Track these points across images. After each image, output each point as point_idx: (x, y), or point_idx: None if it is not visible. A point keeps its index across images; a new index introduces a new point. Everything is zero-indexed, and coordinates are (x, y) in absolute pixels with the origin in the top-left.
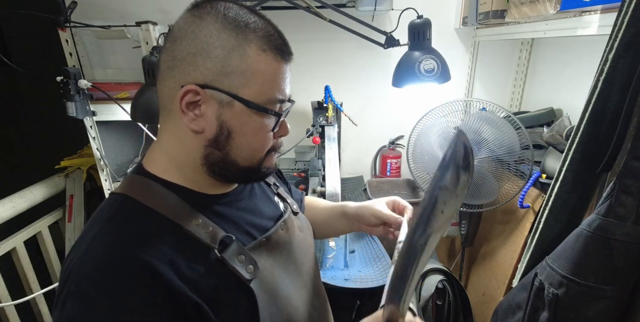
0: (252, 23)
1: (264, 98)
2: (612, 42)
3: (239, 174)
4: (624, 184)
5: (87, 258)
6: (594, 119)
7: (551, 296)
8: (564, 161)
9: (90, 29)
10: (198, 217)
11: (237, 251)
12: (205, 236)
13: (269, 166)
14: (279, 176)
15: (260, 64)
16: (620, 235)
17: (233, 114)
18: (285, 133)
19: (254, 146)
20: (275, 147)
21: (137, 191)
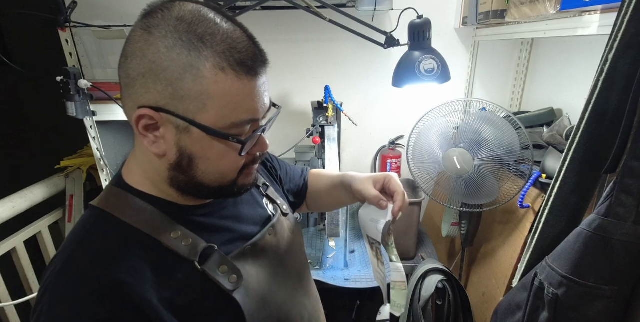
0: (208, 36)
1: (226, 122)
2: (612, 42)
3: (211, 193)
4: (624, 184)
5: (61, 279)
6: (594, 119)
7: (551, 296)
8: (564, 160)
9: (90, 29)
10: (177, 229)
11: (219, 262)
12: (184, 248)
13: (244, 183)
14: (268, 171)
15: (219, 85)
16: (620, 235)
17: (192, 140)
18: (262, 149)
19: (220, 170)
20: (251, 163)
21: (113, 205)
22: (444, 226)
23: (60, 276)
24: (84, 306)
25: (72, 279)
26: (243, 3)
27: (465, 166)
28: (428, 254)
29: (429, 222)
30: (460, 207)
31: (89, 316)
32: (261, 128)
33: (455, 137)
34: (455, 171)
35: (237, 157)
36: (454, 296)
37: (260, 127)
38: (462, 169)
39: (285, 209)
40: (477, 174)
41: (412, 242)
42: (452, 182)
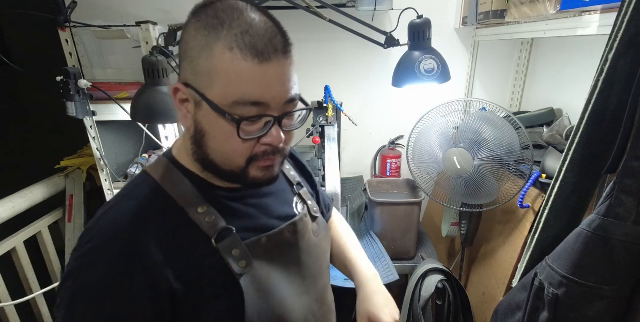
0: (229, 21)
1: (228, 100)
2: (612, 42)
3: (226, 176)
4: (624, 184)
5: (94, 229)
6: (594, 119)
7: (551, 296)
8: (564, 161)
9: (90, 29)
10: (204, 205)
11: (234, 244)
12: (206, 224)
13: (256, 176)
14: (306, 177)
15: (224, 63)
16: (620, 235)
17: (203, 114)
18: (272, 141)
19: (226, 151)
20: (262, 155)
21: (158, 173)
22: (444, 226)
23: (94, 226)
24: (103, 250)
25: (103, 227)
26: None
27: (465, 166)
28: (428, 254)
29: (429, 222)
30: (460, 207)
31: (105, 258)
32: (271, 117)
33: (455, 137)
34: (455, 171)
35: (241, 141)
36: (454, 296)
37: (270, 116)
38: (462, 169)
39: (314, 212)
40: (477, 174)
41: (412, 242)
42: (452, 182)
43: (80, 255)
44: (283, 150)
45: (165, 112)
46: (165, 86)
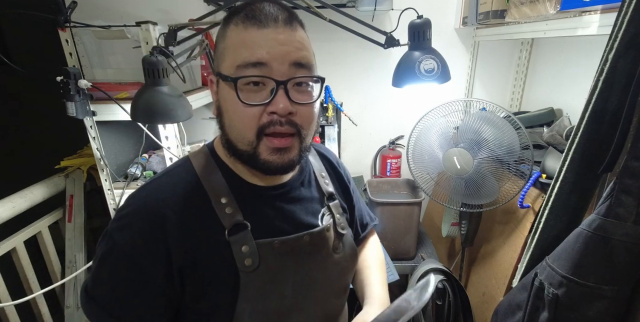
0: (243, 9)
1: (233, 67)
2: (612, 42)
3: (243, 157)
4: (624, 184)
5: (135, 196)
6: (594, 119)
7: (551, 296)
8: (564, 160)
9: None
10: (229, 196)
11: (245, 240)
12: (225, 215)
13: (267, 159)
14: (343, 189)
15: (232, 37)
16: (620, 235)
17: (220, 91)
18: (277, 109)
19: (236, 123)
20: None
21: (197, 159)
22: (444, 226)
23: (138, 192)
24: (134, 217)
25: (140, 196)
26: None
27: (465, 166)
28: (428, 254)
29: (429, 222)
30: (460, 207)
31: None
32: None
33: (455, 137)
34: (455, 171)
35: (246, 109)
36: (454, 296)
37: (271, 79)
38: (462, 169)
39: (341, 227)
40: (477, 174)
41: (412, 242)
42: (452, 182)
43: (117, 218)
44: (299, 130)
45: (165, 112)
46: (165, 86)
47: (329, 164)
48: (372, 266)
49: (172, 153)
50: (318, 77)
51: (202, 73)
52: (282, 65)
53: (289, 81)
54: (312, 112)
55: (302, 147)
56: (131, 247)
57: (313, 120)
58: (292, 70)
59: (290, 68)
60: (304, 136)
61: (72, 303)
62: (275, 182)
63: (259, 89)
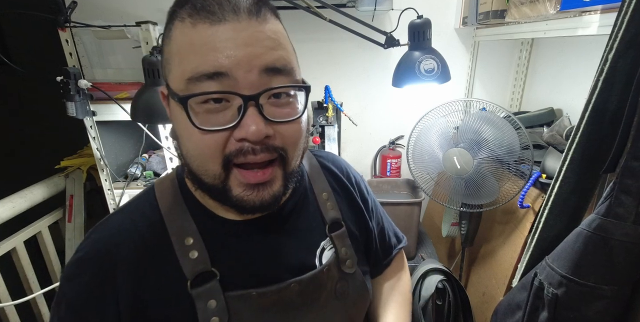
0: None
1: (182, 81)
2: (612, 42)
3: (213, 194)
4: (624, 184)
5: (88, 237)
6: (594, 118)
7: (551, 296)
8: (564, 160)
9: (90, 29)
10: (194, 236)
11: (212, 294)
12: (187, 261)
13: (239, 196)
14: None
15: (177, 39)
16: (619, 235)
17: (171, 109)
18: (246, 134)
19: (193, 153)
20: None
21: (162, 188)
22: (444, 226)
23: (92, 232)
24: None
25: (92, 239)
26: None
27: (465, 166)
28: (428, 254)
29: (429, 222)
30: (460, 207)
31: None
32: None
33: (455, 137)
34: (455, 171)
35: (205, 136)
36: (454, 296)
37: (235, 94)
38: (462, 169)
39: (347, 266)
40: (477, 174)
41: (412, 242)
42: (452, 182)
43: (69, 263)
44: (280, 154)
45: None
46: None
47: (335, 179)
48: (391, 303)
49: (172, 153)
50: (301, 86)
51: None
52: (249, 73)
53: (262, 94)
54: (298, 129)
55: (287, 175)
56: (77, 299)
57: (300, 138)
58: (265, 78)
59: (262, 76)
60: (288, 160)
61: None
62: (256, 215)
63: (221, 107)
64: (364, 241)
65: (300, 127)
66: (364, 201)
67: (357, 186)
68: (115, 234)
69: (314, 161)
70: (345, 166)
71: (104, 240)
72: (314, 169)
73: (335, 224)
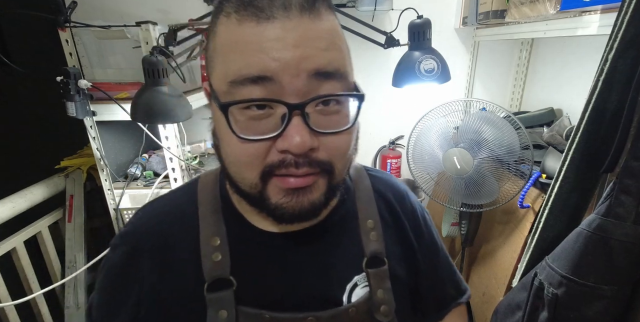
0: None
1: (224, 83)
2: (612, 42)
3: (250, 201)
4: (624, 184)
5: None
6: (594, 118)
7: (551, 296)
8: (564, 160)
9: (90, 29)
10: (221, 238)
11: (224, 303)
12: (209, 263)
13: (279, 203)
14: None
15: (222, 35)
16: (619, 235)
17: (213, 108)
18: (289, 146)
19: (234, 160)
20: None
21: (204, 184)
22: (444, 226)
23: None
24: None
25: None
26: None
27: (465, 166)
28: None
29: None
30: (460, 207)
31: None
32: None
33: (455, 137)
34: (455, 171)
35: (245, 145)
36: None
37: (280, 103)
38: (462, 169)
39: (382, 314)
40: (477, 174)
41: None
42: (452, 182)
43: (117, 235)
44: (325, 167)
45: (165, 112)
46: (165, 86)
47: (388, 206)
48: None
49: (172, 153)
50: (354, 95)
51: (202, 73)
52: (296, 78)
53: (309, 103)
54: (347, 141)
55: (331, 186)
56: (112, 268)
57: (347, 151)
58: (314, 84)
59: (311, 81)
60: (334, 172)
61: (72, 303)
62: (292, 228)
63: (264, 113)
64: (410, 286)
65: (349, 139)
66: (419, 236)
67: (412, 218)
68: (152, 218)
69: (367, 181)
70: (404, 191)
71: (142, 221)
72: (363, 191)
73: (376, 259)
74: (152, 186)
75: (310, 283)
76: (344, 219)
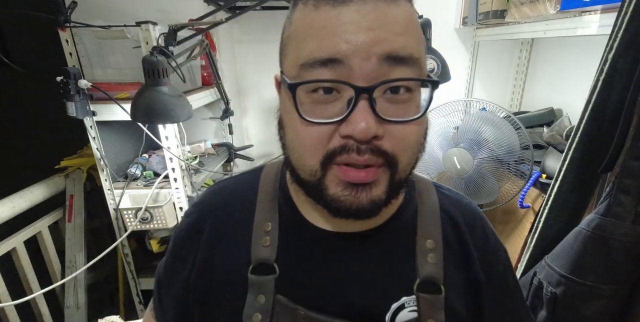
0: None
1: (295, 67)
2: (612, 42)
3: (308, 190)
4: (623, 184)
5: (210, 187)
6: (594, 118)
7: (550, 295)
8: (564, 160)
9: (90, 29)
10: (273, 226)
11: (264, 289)
12: (257, 246)
13: (336, 194)
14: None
15: (297, 22)
16: (618, 234)
17: (281, 96)
18: (352, 131)
19: (295, 145)
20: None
21: (267, 173)
22: None
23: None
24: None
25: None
26: (243, 3)
27: (465, 166)
28: None
29: None
30: None
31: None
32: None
33: (455, 137)
34: (455, 171)
35: (309, 128)
36: None
37: (348, 85)
38: (462, 169)
39: None
40: (477, 174)
41: None
42: (452, 182)
43: (191, 205)
44: (388, 160)
45: (165, 112)
46: (165, 86)
47: (456, 230)
48: None
49: (172, 153)
50: (427, 80)
51: (202, 73)
52: (367, 61)
53: (377, 87)
54: (414, 132)
55: (393, 183)
56: (179, 234)
57: (414, 144)
58: (385, 68)
59: (382, 65)
60: (398, 167)
61: (72, 303)
62: (345, 228)
63: (331, 97)
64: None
65: (417, 130)
66: (489, 271)
67: (483, 248)
68: (217, 195)
69: (434, 197)
70: (479, 218)
71: (209, 197)
72: (428, 207)
73: (429, 284)
74: (152, 185)
75: (354, 291)
76: (400, 232)
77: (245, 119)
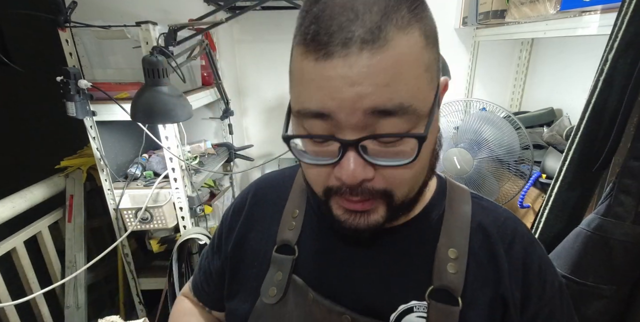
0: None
1: (295, 107)
2: (612, 42)
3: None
4: (623, 184)
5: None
6: (594, 118)
7: None
8: (564, 160)
9: (90, 29)
10: (301, 212)
11: (283, 267)
12: (284, 229)
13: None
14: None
15: (295, 60)
16: (619, 235)
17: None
18: (341, 176)
19: (305, 173)
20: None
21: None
22: None
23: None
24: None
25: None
26: (243, 3)
27: (465, 166)
28: None
29: None
30: None
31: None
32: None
33: (455, 137)
34: (455, 171)
35: (307, 167)
36: None
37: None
38: (462, 169)
39: None
40: (477, 174)
41: None
42: None
43: (250, 184)
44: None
45: (165, 112)
46: (165, 86)
47: (487, 243)
48: None
49: (172, 153)
50: (411, 135)
51: (202, 73)
52: (352, 115)
53: (362, 141)
54: (408, 171)
55: (392, 208)
56: (227, 212)
57: (410, 179)
58: (372, 120)
59: (368, 117)
60: (394, 198)
61: (72, 303)
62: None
63: (324, 143)
64: None
65: (411, 171)
66: (525, 292)
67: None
68: (262, 182)
69: (466, 207)
70: (519, 234)
71: (255, 183)
72: (457, 216)
73: (444, 293)
74: (152, 185)
75: (363, 284)
76: (422, 235)
77: (245, 119)
